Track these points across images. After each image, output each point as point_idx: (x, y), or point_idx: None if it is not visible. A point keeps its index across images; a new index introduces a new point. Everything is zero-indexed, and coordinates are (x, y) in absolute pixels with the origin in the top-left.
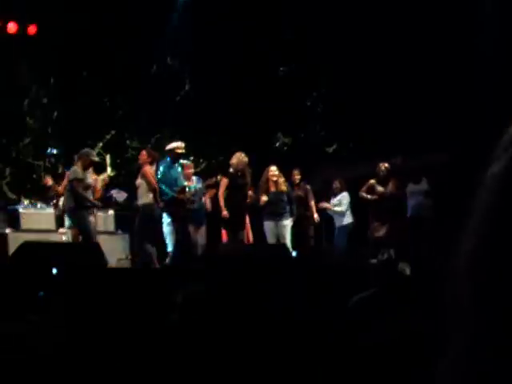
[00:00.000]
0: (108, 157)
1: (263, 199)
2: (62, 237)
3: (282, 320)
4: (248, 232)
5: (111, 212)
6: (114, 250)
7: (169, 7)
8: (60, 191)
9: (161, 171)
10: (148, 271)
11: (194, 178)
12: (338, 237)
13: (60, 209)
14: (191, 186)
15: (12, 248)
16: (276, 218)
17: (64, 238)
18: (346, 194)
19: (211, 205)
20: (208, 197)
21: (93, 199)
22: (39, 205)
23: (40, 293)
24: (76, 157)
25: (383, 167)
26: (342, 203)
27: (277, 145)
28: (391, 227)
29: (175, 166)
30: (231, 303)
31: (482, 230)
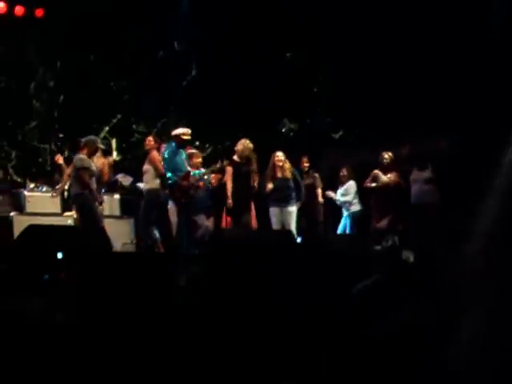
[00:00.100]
0: (114, 141)
1: (269, 187)
2: (68, 220)
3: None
4: (253, 218)
5: (117, 196)
6: (120, 234)
7: None
8: (65, 178)
9: (165, 156)
10: (152, 255)
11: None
12: (347, 225)
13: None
14: (195, 172)
15: (17, 231)
16: (282, 205)
17: (69, 222)
18: (353, 183)
19: (216, 190)
20: (213, 182)
21: (101, 183)
22: (45, 188)
23: (45, 276)
24: (81, 143)
25: (386, 155)
26: (349, 192)
27: (283, 130)
28: (394, 217)
29: (180, 152)
30: (234, 288)
31: (501, 212)
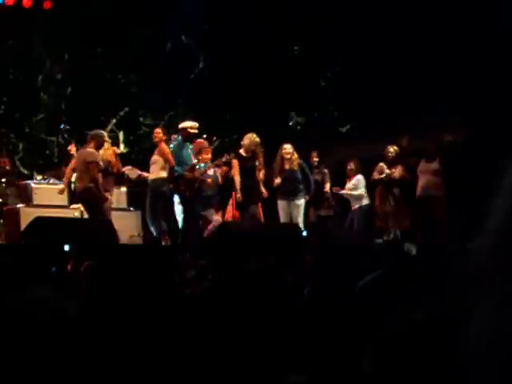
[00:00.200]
0: (121, 134)
1: (276, 181)
2: (75, 213)
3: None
4: (259, 210)
5: (123, 189)
6: (126, 227)
7: None
8: (67, 172)
9: (171, 149)
10: (158, 248)
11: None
12: (356, 219)
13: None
14: (201, 165)
15: (24, 223)
16: (290, 198)
17: (76, 214)
18: (361, 177)
19: (222, 183)
20: (219, 175)
21: (111, 174)
22: (52, 180)
23: (52, 268)
24: (89, 137)
25: (392, 149)
26: (358, 187)
27: (290, 124)
28: (397, 210)
29: (186, 145)
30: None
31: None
